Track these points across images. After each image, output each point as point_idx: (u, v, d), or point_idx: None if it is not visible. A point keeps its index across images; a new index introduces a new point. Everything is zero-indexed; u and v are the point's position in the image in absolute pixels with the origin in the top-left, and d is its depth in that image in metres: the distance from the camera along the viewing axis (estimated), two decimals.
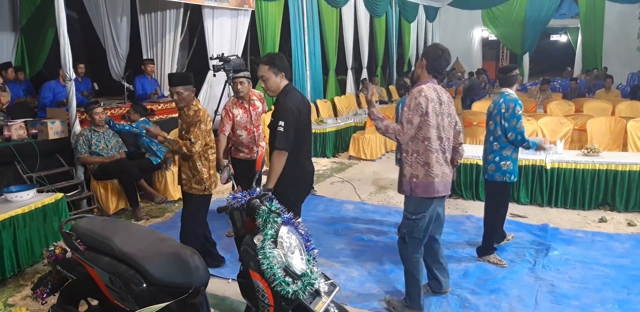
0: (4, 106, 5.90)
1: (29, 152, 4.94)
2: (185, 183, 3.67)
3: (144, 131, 5.74)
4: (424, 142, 3.03)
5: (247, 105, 4.53)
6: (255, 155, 4.58)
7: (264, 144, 4.71)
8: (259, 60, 3.27)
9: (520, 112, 3.83)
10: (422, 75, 3.13)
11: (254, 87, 5.17)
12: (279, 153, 3.14)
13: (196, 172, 3.63)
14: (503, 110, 3.85)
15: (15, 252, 3.91)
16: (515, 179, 4.02)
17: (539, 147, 4.00)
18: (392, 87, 13.26)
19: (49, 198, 4.27)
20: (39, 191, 4.43)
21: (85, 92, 7.34)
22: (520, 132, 3.83)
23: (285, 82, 3.26)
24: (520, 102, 3.88)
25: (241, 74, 4.51)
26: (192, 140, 3.50)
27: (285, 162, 3.17)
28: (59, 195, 4.40)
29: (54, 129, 5.23)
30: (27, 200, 4.15)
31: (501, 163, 3.91)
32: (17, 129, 5.13)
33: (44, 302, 2.69)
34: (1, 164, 4.78)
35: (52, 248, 2.68)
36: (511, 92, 3.96)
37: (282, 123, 3.12)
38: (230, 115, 4.47)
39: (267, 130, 3.68)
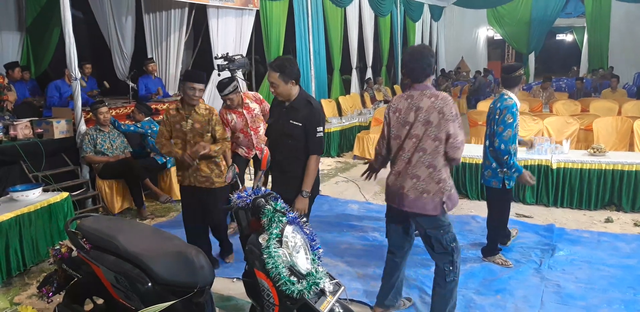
0: (11, 105, 5.93)
1: (34, 152, 4.95)
2: (206, 180, 3.76)
3: (149, 131, 5.76)
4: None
5: (240, 110, 4.56)
6: (251, 155, 4.66)
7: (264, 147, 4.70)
8: (269, 64, 3.20)
9: (511, 121, 3.63)
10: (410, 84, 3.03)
11: (257, 88, 5.17)
12: (317, 158, 3.23)
13: (215, 166, 3.81)
14: (497, 117, 3.71)
15: (21, 251, 3.92)
16: (514, 184, 3.87)
17: (521, 177, 3.72)
18: (397, 87, 13.24)
19: (55, 197, 4.29)
20: (44, 190, 4.44)
21: (95, 91, 7.38)
22: (506, 141, 3.63)
23: (296, 88, 3.21)
24: (515, 110, 3.67)
25: (226, 91, 4.39)
26: (227, 137, 3.86)
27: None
28: (65, 194, 4.42)
29: (59, 129, 5.24)
30: (32, 199, 4.16)
31: (498, 170, 3.79)
32: (22, 129, 5.15)
33: (49, 301, 2.70)
34: (7, 163, 4.80)
35: (57, 247, 2.68)
36: (511, 95, 3.76)
37: (320, 129, 3.20)
38: (225, 121, 4.52)
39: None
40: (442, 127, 2.78)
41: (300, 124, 3.18)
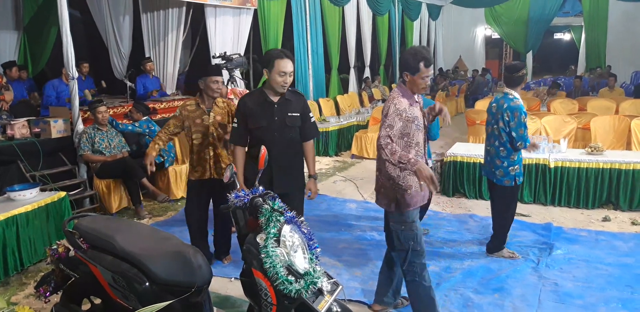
0: (7, 105, 5.92)
1: (31, 151, 4.94)
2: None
3: (147, 130, 5.75)
4: None
5: None
6: None
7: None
8: (285, 54, 3.19)
9: (526, 120, 3.80)
10: None
11: (255, 87, 5.16)
12: (314, 141, 3.44)
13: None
14: (507, 119, 3.78)
15: (18, 251, 3.91)
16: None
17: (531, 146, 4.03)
18: (394, 86, 13.23)
19: (52, 197, 4.28)
20: (41, 190, 4.44)
21: (92, 91, 7.36)
22: (527, 139, 3.83)
23: None
24: (524, 109, 3.81)
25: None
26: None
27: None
28: (62, 194, 4.41)
29: (56, 128, 5.23)
30: (30, 199, 4.15)
31: (509, 168, 3.87)
32: (20, 128, 5.14)
33: (47, 300, 2.69)
34: (4, 163, 4.78)
35: (55, 247, 2.67)
36: (515, 95, 3.84)
37: (312, 114, 3.38)
38: None
39: None
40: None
41: (298, 114, 3.31)
